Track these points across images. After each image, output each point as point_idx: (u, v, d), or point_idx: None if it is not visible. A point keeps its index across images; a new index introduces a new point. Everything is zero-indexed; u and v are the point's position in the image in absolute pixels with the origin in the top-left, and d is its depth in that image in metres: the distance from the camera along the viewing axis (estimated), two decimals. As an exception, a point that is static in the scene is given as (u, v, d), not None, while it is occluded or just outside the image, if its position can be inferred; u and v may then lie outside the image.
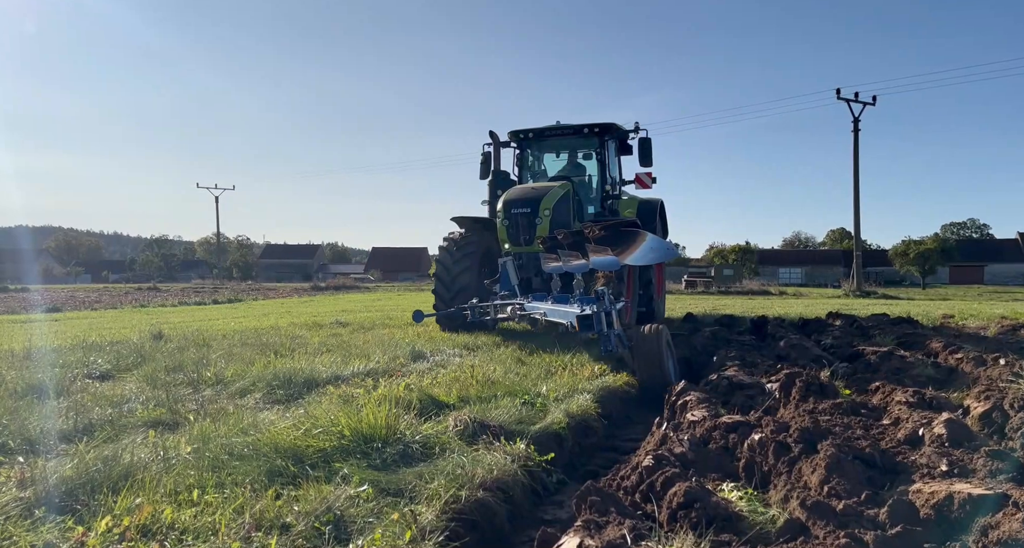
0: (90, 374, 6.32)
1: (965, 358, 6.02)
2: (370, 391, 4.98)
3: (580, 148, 11.36)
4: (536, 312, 7.61)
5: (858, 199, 34.65)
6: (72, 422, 4.27)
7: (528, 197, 9.49)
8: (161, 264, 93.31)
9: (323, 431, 3.77)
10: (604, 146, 10.79)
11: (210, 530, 2.64)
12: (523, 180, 11.28)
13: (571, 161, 11.45)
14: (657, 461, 3.18)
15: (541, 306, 7.61)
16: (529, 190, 9.74)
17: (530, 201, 9.41)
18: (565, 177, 10.55)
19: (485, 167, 11.43)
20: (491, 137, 11.29)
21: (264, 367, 6.10)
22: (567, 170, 11.28)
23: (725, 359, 6.57)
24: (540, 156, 11.66)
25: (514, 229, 9.55)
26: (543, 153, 11.69)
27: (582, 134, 10.82)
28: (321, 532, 2.64)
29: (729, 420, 4.00)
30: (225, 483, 3.14)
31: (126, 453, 3.35)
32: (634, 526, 2.52)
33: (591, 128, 10.69)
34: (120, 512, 2.76)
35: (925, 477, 3.07)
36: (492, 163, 11.27)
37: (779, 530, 2.56)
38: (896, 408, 4.32)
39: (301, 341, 8.74)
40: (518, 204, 9.50)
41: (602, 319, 5.89)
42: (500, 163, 11.31)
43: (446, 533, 2.69)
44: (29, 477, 3.02)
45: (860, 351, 7.10)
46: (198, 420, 4.26)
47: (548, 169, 11.60)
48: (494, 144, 11.27)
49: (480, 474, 3.24)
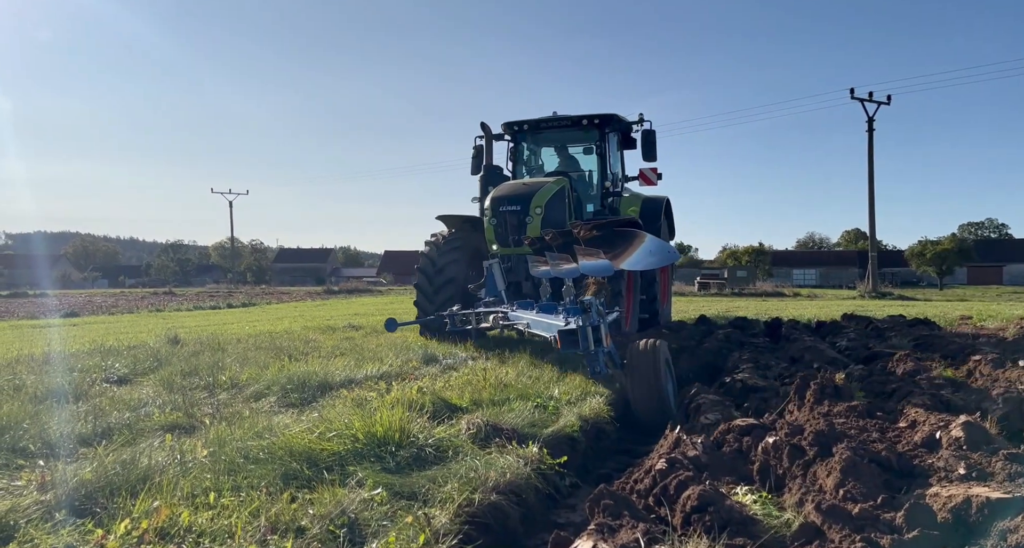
0: (108, 378, 6.40)
1: (983, 360, 5.95)
2: (383, 394, 5.00)
3: (579, 141, 10.60)
4: (519, 322, 6.73)
5: (873, 199, 34.38)
6: (91, 426, 4.32)
7: (518, 193, 8.71)
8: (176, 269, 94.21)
9: (337, 434, 3.80)
10: (605, 139, 10.05)
11: (227, 533, 2.67)
12: (517, 175, 10.51)
13: (569, 155, 10.69)
14: (670, 464, 3.17)
15: (525, 315, 6.67)
16: (520, 186, 8.98)
17: (520, 198, 8.62)
18: (562, 173, 9.83)
19: (477, 161, 10.53)
20: (483, 129, 10.40)
21: (278, 371, 6.14)
22: (565, 165, 10.51)
23: (739, 361, 6.53)
24: (536, 150, 10.89)
25: (502, 229, 8.73)
26: (539, 147, 10.89)
27: (581, 126, 10.07)
28: (336, 535, 2.66)
29: (743, 423, 3.98)
30: (241, 486, 3.16)
31: (144, 456, 3.39)
32: (647, 530, 2.52)
33: (590, 119, 9.93)
34: (138, 515, 2.79)
35: (943, 480, 3.04)
36: (484, 157, 10.38)
37: (794, 534, 2.54)
38: (913, 411, 4.27)
39: (314, 345, 8.79)
40: (507, 201, 8.69)
41: (588, 335, 4.92)
42: (493, 157, 10.46)
43: (459, 536, 2.70)
44: (49, 480, 3.07)
45: (876, 353, 7.03)
46: (214, 424, 4.30)
47: (545, 164, 10.82)
48: (486, 137, 10.40)
49: (493, 477, 3.25)
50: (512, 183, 9.29)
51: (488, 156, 10.34)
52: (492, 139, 10.42)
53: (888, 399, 4.95)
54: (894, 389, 5.09)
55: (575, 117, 10.04)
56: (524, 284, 8.80)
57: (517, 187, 8.95)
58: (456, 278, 8.94)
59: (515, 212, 8.59)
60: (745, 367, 6.11)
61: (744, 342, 8.48)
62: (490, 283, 8.21)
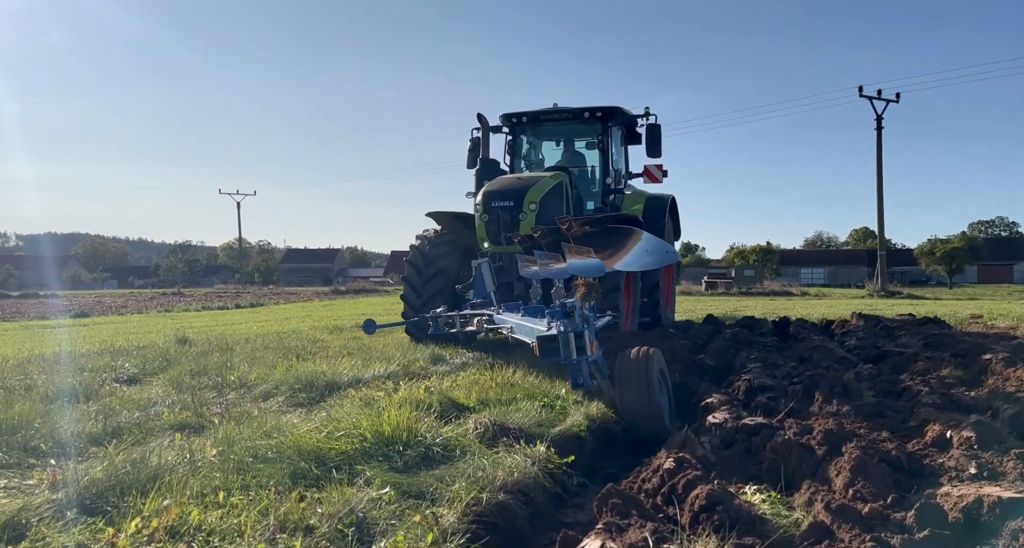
0: (118, 378, 6.45)
1: (994, 358, 5.90)
2: (391, 394, 5.01)
3: (580, 135, 10.05)
4: (504, 326, 5.99)
5: (881, 198, 34.16)
6: (101, 425, 4.35)
7: (512, 188, 8.18)
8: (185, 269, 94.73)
9: (345, 434, 3.81)
10: (607, 133, 9.51)
11: (236, 532, 2.68)
12: (515, 170, 9.88)
13: (570, 150, 10.15)
14: (679, 464, 3.17)
15: (510, 319, 5.95)
16: (514, 181, 8.46)
17: (513, 193, 8.07)
18: (562, 168, 9.30)
19: (472, 155, 9.89)
20: (479, 121, 9.76)
21: (286, 370, 6.17)
22: (566, 160, 9.97)
23: (747, 361, 6.50)
24: (537, 144, 10.34)
25: (494, 225, 8.16)
26: (540, 140, 10.35)
27: (582, 119, 9.48)
28: (344, 534, 2.67)
29: (751, 422, 3.97)
30: (250, 485, 3.18)
31: (153, 456, 3.41)
32: (656, 529, 2.51)
33: (592, 112, 9.37)
34: (149, 514, 2.81)
35: (953, 480, 3.02)
36: (480, 150, 9.76)
37: (803, 533, 2.54)
38: (923, 410, 4.25)
39: (322, 345, 8.82)
40: (499, 196, 8.13)
41: (570, 342, 4.36)
42: (490, 150, 9.86)
43: (467, 535, 2.70)
44: (61, 479, 3.09)
45: (885, 352, 7.00)
46: (223, 423, 4.33)
47: (546, 159, 10.26)
48: (483, 129, 9.77)
49: (501, 476, 3.25)
50: (506, 178, 8.82)
51: (484, 149, 9.77)
52: (489, 131, 9.86)
53: (898, 398, 4.92)
54: (904, 388, 5.06)
55: (576, 109, 9.54)
56: (516, 285, 8.19)
57: (511, 182, 8.50)
58: (447, 270, 8.44)
59: (508, 208, 8.07)
60: (753, 366, 6.09)
61: (752, 341, 8.45)
62: (479, 283, 7.46)
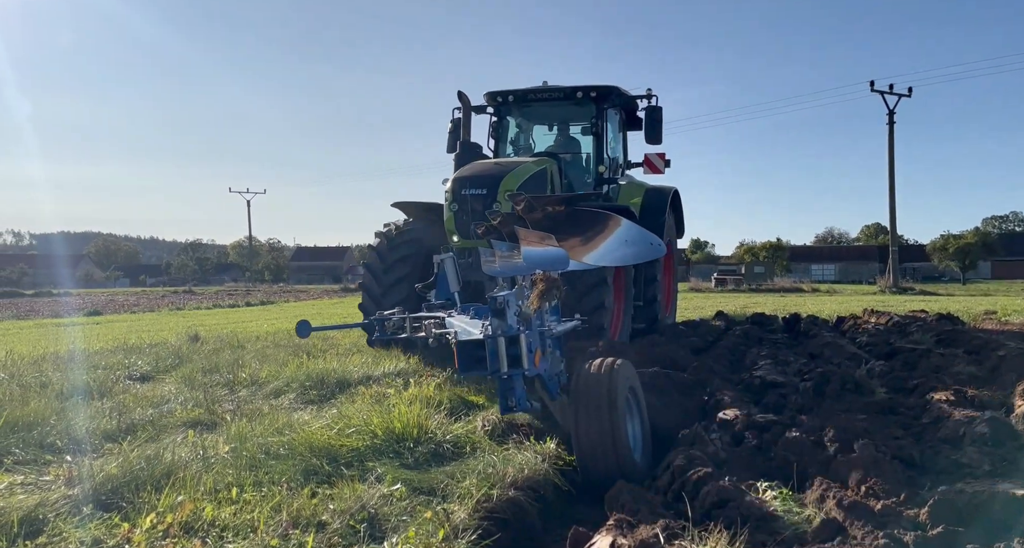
0: (131, 376, 6.51)
1: (1008, 355, 5.85)
2: (401, 391, 5.04)
3: (572, 118, 8.94)
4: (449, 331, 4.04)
5: (893, 193, 33.86)
6: (115, 422, 4.40)
7: (486, 173, 7.09)
8: (195, 268, 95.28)
9: (356, 431, 3.83)
10: (602, 116, 8.41)
11: (249, 527, 2.71)
12: (500, 155, 8.69)
13: (564, 135, 9.07)
14: (689, 460, 3.16)
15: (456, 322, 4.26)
16: (490, 166, 7.41)
17: (487, 179, 6.95)
18: (551, 154, 8.26)
19: (453, 137, 8.60)
20: (460, 100, 8.48)
21: (297, 368, 6.20)
22: (559, 146, 8.86)
23: (757, 358, 6.48)
24: (527, 127, 9.19)
25: (463, 216, 6.93)
26: (531, 123, 9.20)
27: (575, 99, 8.34)
28: (356, 530, 2.69)
29: (762, 419, 3.96)
30: (263, 482, 3.21)
31: (167, 452, 3.45)
32: (667, 525, 2.51)
33: (586, 91, 8.26)
34: (163, 509, 2.84)
35: (967, 477, 3.00)
36: (461, 132, 8.53)
37: (815, 530, 2.53)
38: (936, 406, 4.22)
39: (332, 342, 8.85)
40: (470, 183, 7.00)
41: (500, 349, 3.25)
42: (471, 132, 8.62)
43: (478, 532, 2.71)
44: (77, 476, 3.13)
45: (897, 349, 6.94)
46: (235, 420, 4.36)
47: (537, 144, 9.10)
48: (464, 108, 8.52)
49: (511, 473, 3.26)
50: (481, 162, 7.69)
51: (466, 131, 8.54)
52: (471, 112, 8.63)
53: (910, 395, 4.89)
54: (916, 385, 5.02)
55: (568, 88, 8.38)
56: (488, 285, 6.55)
57: (487, 167, 7.40)
58: (409, 277, 7.14)
59: (480, 196, 6.89)
60: (764, 363, 6.06)
61: (763, 338, 8.41)
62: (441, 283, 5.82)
